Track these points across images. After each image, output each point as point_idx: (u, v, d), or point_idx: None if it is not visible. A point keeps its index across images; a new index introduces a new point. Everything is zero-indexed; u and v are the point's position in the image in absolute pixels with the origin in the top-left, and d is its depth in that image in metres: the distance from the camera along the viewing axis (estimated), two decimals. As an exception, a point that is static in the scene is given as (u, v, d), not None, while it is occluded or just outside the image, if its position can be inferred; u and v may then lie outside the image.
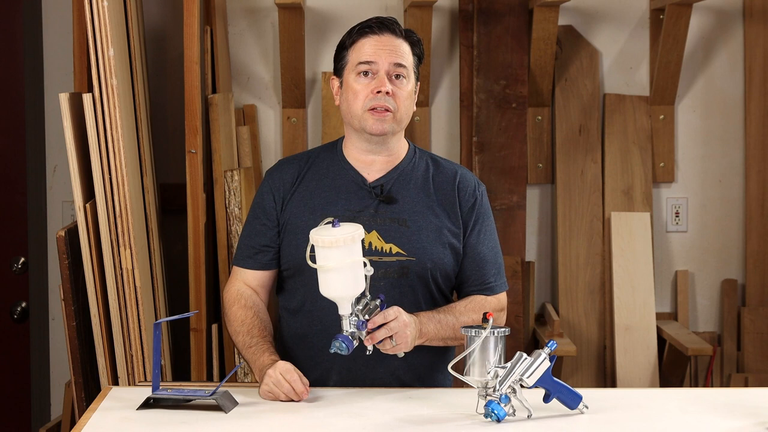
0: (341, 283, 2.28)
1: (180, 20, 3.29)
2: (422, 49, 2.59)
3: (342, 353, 2.30)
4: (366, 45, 2.52)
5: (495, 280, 2.60)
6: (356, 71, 2.51)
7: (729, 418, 2.27)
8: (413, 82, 2.54)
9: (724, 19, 3.91)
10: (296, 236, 2.54)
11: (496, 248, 2.62)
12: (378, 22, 2.54)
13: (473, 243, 2.58)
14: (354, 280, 2.29)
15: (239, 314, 2.55)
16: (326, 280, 2.30)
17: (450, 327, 2.49)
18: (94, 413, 2.28)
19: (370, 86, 2.49)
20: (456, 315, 2.51)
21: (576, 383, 3.77)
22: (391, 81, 2.50)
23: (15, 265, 3.63)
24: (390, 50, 2.50)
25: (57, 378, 3.78)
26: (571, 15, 3.86)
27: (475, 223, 2.58)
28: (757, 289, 3.92)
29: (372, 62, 2.50)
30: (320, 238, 2.27)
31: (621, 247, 3.81)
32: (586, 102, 3.87)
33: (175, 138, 3.67)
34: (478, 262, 2.58)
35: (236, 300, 2.57)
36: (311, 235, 2.28)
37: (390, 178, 2.57)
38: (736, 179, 3.94)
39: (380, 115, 2.49)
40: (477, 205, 2.59)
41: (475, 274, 2.58)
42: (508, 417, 2.22)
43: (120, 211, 2.92)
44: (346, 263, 2.26)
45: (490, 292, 2.59)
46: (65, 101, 2.89)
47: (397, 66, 2.50)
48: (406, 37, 2.55)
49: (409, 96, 2.52)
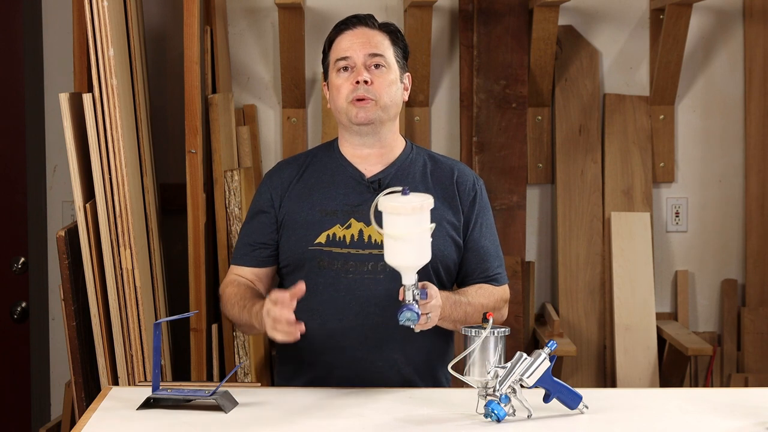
0: (410, 252, 2.24)
1: (180, 20, 3.29)
2: (402, 38, 2.63)
3: (413, 323, 2.25)
4: (342, 41, 2.58)
5: (499, 271, 2.65)
6: (336, 68, 2.56)
7: (729, 418, 2.27)
8: (396, 71, 2.57)
9: (724, 19, 3.91)
10: (295, 231, 2.56)
11: (496, 241, 2.67)
12: (352, 17, 2.60)
13: (476, 237, 2.62)
14: (422, 249, 2.25)
15: (233, 291, 2.57)
16: (394, 249, 2.24)
17: (463, 311, 2.50)
18: (94, 413, 2.28)
19: (350, 79, 2.54)
20: (469, 298, 2.54)
21: (576, 383, 3.77)
22: (370, 71, 2.54)
23: (15, 265, 3.63)
24: (363, 42, 2.55)
25: (57, 378, 3.78)
26: (571, 15, 3.86)
27: (477, 218, 2.62)
28: (757, 289, 3.92)
29: (347, 56, 2.55)
30: (392, 204, 2.22)
31: (621, 247, 3.81)
32: (586, 102, 3.87)
33: (175, 138, 3.67)
34: (482, 255, 2.62)
35: (229, 283, 2.60)
36: (381, 201, 2.24)
37: (388, 173, 2.59)
38: (736, 179, 3.94)
39: (362, 103, 2.52)
40: (477, 199, 2.63)
41: (480, 267, 2.62)
42: (508, 417, 2.22)
43: (120, 211, 2.92)
44: (416, 231, 2.23)
45: (496, 283, 2.64)
46: (65, 101, 2.89)
47: (373, 56, 2.54)
48: (382, 28, 2.59)
49: (391, 83, 2.55)
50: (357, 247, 2.52)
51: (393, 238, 2.23)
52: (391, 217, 2.23)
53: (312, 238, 2.55)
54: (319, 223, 2.55)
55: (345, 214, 2.55)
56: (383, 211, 2.24)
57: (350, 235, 2.54)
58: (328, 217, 2.55)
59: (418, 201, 2.23)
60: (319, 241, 2.54)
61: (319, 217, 2.56)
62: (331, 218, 2.55)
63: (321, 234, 2.55)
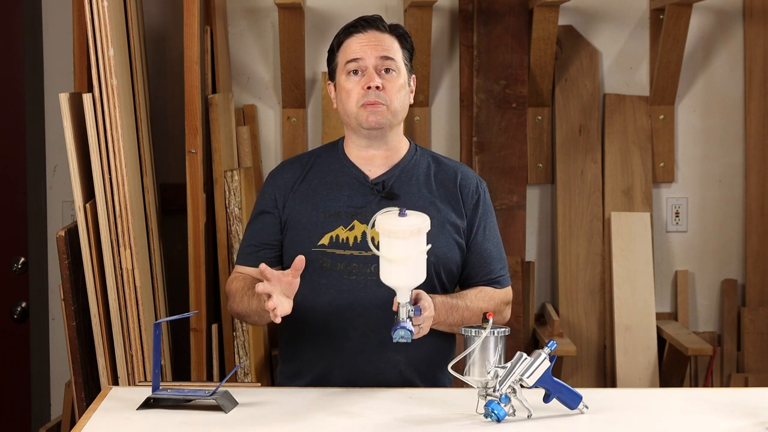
0: (405, 274, 2.25)
1: (180, 20, 3.29)
2: (410, 41, 2.63)
3: (406, 341, 2.27)
4: (352, 44, 2.56)
5: (502, 273, 2.65)
6: (346, 71, 2.55)
7: (729, 418, 2.27)
8: (405, 75, 2.58)
9: (724, 19, 3.91)
10: (298, 232, 2.56)
11: (500, 243, 2.67)
12: (362, 20, 2.59)
13: (480, 240, 2.62)
14: (418, 270, 2.25)
15: (239, 285, 2.57)
16: (390, 270, 2.25)
17: (459, 315, 2.51)
18: (94, 413, 2.28)
19: (361, 83, 2.53)
20: (467, 302, 2.54)
21: (576, 383, 3.77)
22: (381, 75, 2.53)
23: (15, 265, 3.63)
24: (375, 45, 2.55)
25: (57, 378, 3.78)
26: (571, 15, 3.86)
27: (480, 221, 2.63)
28: (757, 289, 3.92)
29: (359, 59, 2.54)
30: (389, 227, 2.22)
31: (621, 247, 3.81)
32: (586, 102, 3.87)
33: (175, 138, 3.67)
34: (485, 258, 2.62)
35: (234, 279, 2.61)
36: (378, 222, 2.24)
37: (392, 175, 2.59)
38: (736, 179, 3.94)
39: (373, 107, 2.52)
40: (480, 202, 2.64)
41: (483, 270, 2.62)
42: (508, 417, 2.22)
43: (120, 211, 2.92)
44: (413, 254, 2.23)
45: (499, 285, 2.64)
46: (65, 101, 2.89)
47: (385, 59, 2.54)
48: (391, 30, 2.59)
49: (401, 88, 2.55)
50: (360, 248, 2.52)
51: (389, 261, 2.24)
52: (388, 240, 2.23)
53: (315, 240, 2.55)
54: (322, 224, 2.55)
55: (348, 216, 2.55)
56: (380, 232, 2.24)
57: (353, 236, 2.54)
58: (332, 219, 2.55)
59: (416, 224, 2.23)
60: (323, 242, 2.54)
61: (323, 218, 2.56)
62: (334, 220, 2.55)
63: (324, 235, 2.55)
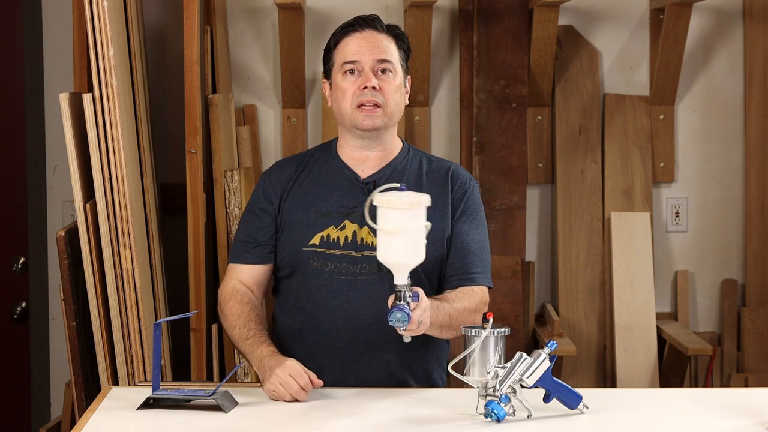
0: (404, 249, 2.19)
1: (180, 20, 3.29)
2: (407, 42, 2.62)
3: (402, 325, 2.20)
4: (349, 43, 2.56)
5: (478, 271, 2.57)
6: (342, 70, 2.55)
7: (729, 418, 2.27)
8: (401, 76, 2.57)
9: (724, 19, 3.91)
10: (290, 232, 2.57)
11: (483, 244, 2.60)
12: (360, 19, 2.58)
13: (458, 231, 2.57)
14: (417, 247, 2.21)
15: (235, 309, 2.55)
16: (388, 246, 2.20)
17: (446, 314, 2.45)
18: (94, 413, 2.28)
19: (357, 83, 2.53)
20: (450, 302, 2.49)
21: (576, 383, 3.77)
22: (377, 76, 2.53)
23: (15, 265, 3.63)
24: (373, 46, 2.54)
25: (57, 378, 3.78)
26: (571, 15, 3.86)
27: (464, 212, 2.59)
28: (757, 289, 3.92)
29: (356, 60, 2.53)
30: (388, 198, 2.18)
31: (621, 247, 3.81)
32: (586, 102, 3.87)
33: (175, 138, 3.67)
34: (461, 251, 2.56)
35: (232, 296, 2.58)
36: (376, 197, 2.20)
37: (383, 175, 2.59)
38: (736, 179, 3.94)
39: (370, 111, 2.51)
40: (467, 196, 2.60)
41: (458, 263, 2.56)
42: (508, 417, 2.22)
43: (120, 211, 2.92)
44: (411, 228, 2.19)
45: (472, 282, 2.55)
46: (65, 101, 2.89)
47: (382, 61, 2.53)
48: (389, 31, 2.58)
49: (397, 89, 2.55)
50: (350, 248, 2.53)
51: (387, 234, 2.19)
52: (386, 212, 2.18)
53: (306, 240, 2.55)
54: (313, 224, 2.56)
55: (339, 216, 2.55)
56: (378, 206, 2.19)
57: (344, 236, 2.54)
58: (323, 219, 2.55)
59: (415, 197, 2.20)
60: (313, 242, 2.54)
61: (314, 218, 2.56)
62: (325, 219, 2.55)
63: (315, 235, 2.55)
